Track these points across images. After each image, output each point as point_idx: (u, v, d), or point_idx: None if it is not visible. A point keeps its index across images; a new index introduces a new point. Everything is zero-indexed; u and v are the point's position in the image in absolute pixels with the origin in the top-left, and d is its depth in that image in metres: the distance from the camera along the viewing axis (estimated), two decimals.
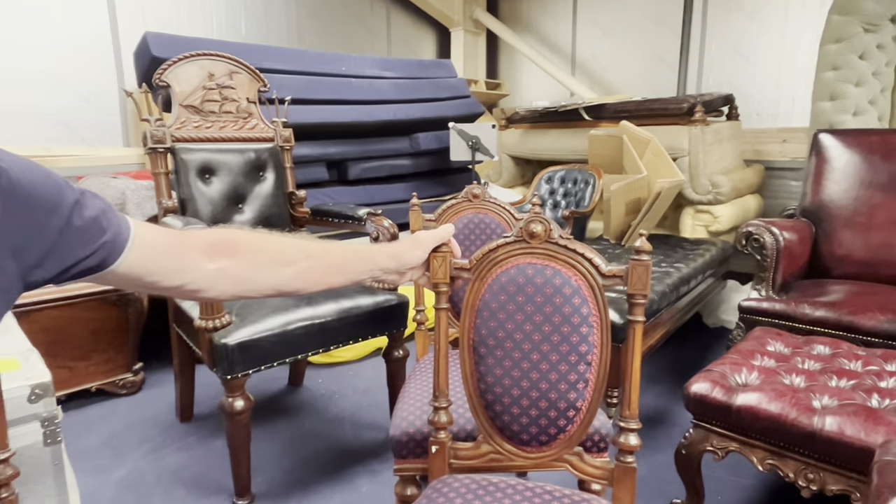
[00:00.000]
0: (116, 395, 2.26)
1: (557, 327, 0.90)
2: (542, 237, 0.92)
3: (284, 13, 4.81)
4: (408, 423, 1.16)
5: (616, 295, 1.93)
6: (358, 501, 1.60)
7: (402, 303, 1.83)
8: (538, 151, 3.98)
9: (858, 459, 1.16)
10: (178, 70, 1.96)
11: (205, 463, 1.80)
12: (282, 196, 2.13)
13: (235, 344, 1.48)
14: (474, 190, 1.54)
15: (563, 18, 5.27)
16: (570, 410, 0.91)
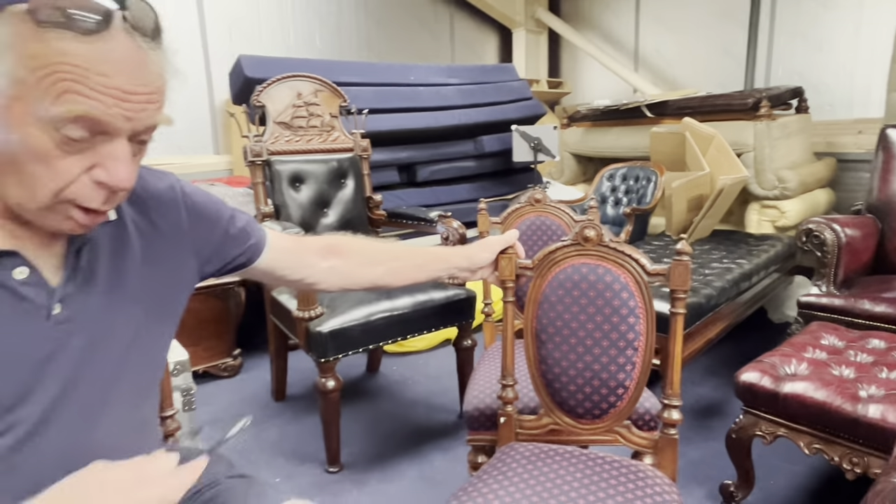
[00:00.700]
0: (219, 377, 2.58)
1: (608, 317, 1.05)
2: (595, 241, 1.08)
3: (355, 25, 5.10)
4: (479, 401, 1.34)
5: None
6: (431, 473, 1.80)
7: (470, 297, 2.01)
8: (600, 149, 4.06)
9: None
10: (272, 91, 2.22)
11: (299, 437, 2.06)
12: (360, 200, 2.37)
13: (328, 331, 1.72)
14: (536, 195, 1.70)
15: (626, 14, 5.28)
16: (619, 389, 1.06)
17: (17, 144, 0.54)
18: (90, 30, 0.52)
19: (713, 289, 2.17)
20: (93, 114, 0.54)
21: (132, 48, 0.55)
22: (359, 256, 1.01)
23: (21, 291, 0.61)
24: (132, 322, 0.71)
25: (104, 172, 0.57)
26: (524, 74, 5.50)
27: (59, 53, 0.51)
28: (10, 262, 0.61)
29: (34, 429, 0.62)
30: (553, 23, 5.67)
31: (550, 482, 0.98)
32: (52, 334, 0.63)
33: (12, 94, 0.52)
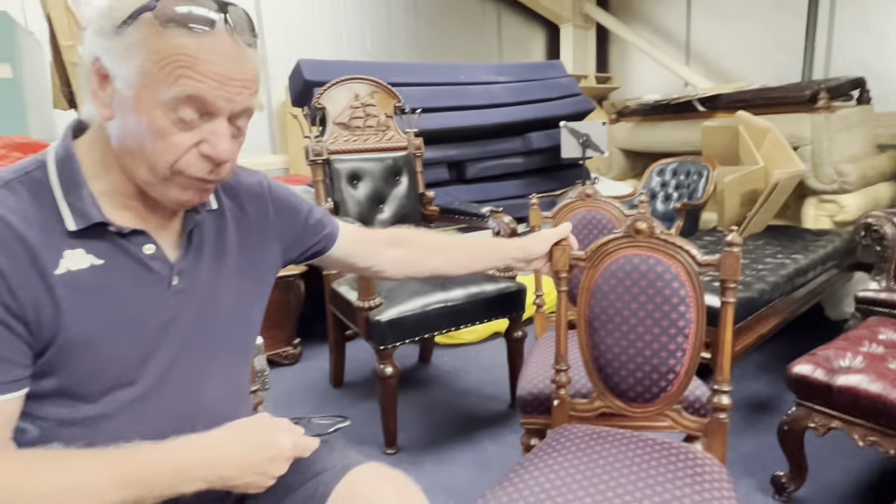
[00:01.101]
0: (280, 364, 2.73)
1: (659, 306, 1.11)
2: (647, 233, 1.13)
3: (404, 25, 5.22)
4: (532, 386, 1.41)
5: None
6: (484, 458, 1.88)
7: (521, 290, 2.08)
8: (649, 144, 4.03)
9: None
10: (331, 93, 2.34)
11: (357, 421, 2.17)
12: (414, 197, 2.46)
13: (387, 320, 1.82)
14: (587, 190, 1.75)
15: (677, 6, 5.20)
16: (669, 374, 1.11)
17: (144, 126, 0.66)
18: (200, 28, 0.65)
19: (766, 284, 2.16)
20: (200, 94, 0.66)
21: (231, 44, 0.68)
22: (421, 247, 1.10)
23: (149, 264, 0.74)
24: (232, 294, 0.83)
25: (209, 146, 0.69)
26: (572, 70, 5.50)
27: (176, 46, 0.64)
28: (140, 239, 0.74)
29: (158, 381, 0.75)
30: (601, 17, 5.64)
31: (603, 461, 1.04)
32: (172, 302, 0.76)
33: (141, 84, 0.65)
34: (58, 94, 2.84)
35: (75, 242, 0.69)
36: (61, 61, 2.67)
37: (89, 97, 0.70)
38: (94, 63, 0.67)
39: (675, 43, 5.26)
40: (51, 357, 0.68)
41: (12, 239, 0.65)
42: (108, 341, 0.71)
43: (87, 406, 0.71)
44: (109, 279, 0.71)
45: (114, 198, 0.72)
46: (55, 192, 0.70)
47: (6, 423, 0.67)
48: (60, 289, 0.67)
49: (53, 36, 2.61)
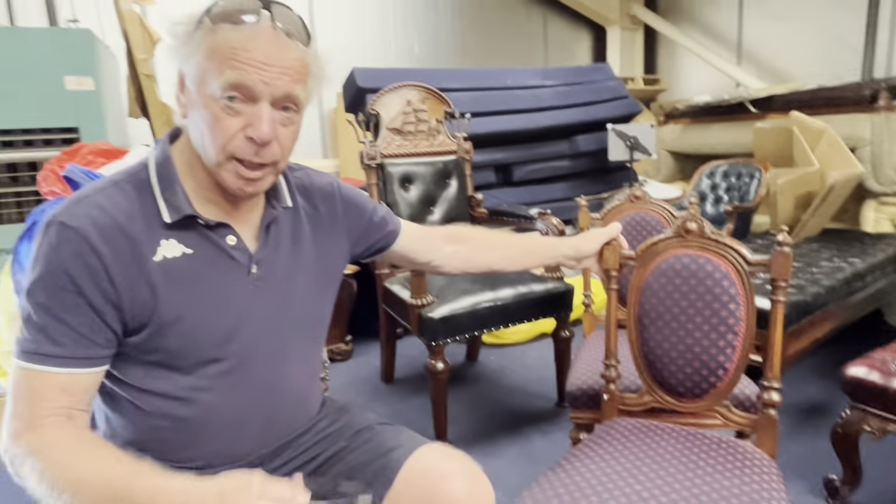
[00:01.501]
0: (333, 360, 2.84)
1: (709, 304, 1.14)
2: (697, 233, 1.16)
3: (451, 31, 5.31)
4: (581, 381, 1.46)
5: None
6: (532, 452, 1.93)
7: (568, 290, 2.12)
8: (699, 146, 3.99)
9: None
10: (384, 99, 2.44)
11: (408, 414, 2.25)
12: (463, 199, 2.53)
13: (439, 317, 1.89)
14: (636, 192, 1.78)
15: (729, 6, 5.11)
16: (719, 370, 1.14)
17: (204, 116, 0.76)
18: (245, 21, 0.74)
19: (821, 287, 2.13)
20: (241, 80, 0.74)
21: (272, 33, 0.76)
22: (477, 243, 1.17)
23: (232, 253, 0.84)
24: (305, 284, 0.92)
25: (252, 129, 0.76)
26: (619, 72, 5.47)
27: (224, 40, 0.73)
28: (224, 231, 0.83)
29: (242, 358, 0.85)
30: (649, 19, 5.59)
31: (652, 452, 1.08)
32: (251, 288, 0.85)
33: (199, 79, 0.76)
34: (132, 103, 3.05)
35: (170, 233, 0.79)
36: (136, 73, 2.87)
37: (173, 102, 0.81)
38: (178, 74, 0.78)
39: (726, 43, 5.16)
40: (149, 334, 0.78)
41: (116, 231, 0.75)
42: (196, 321, 0.80)
43: (181, 377, 0.81)
44: (197, 266, 0.81)
45: (200, 194, 0.82)
46: (155, 190, 0.80)
47: (84, 393, 0.76)
48: (156, 274, 0.77)
49: (129, 50, 2.81)
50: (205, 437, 0.84)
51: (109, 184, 0.79)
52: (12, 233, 1.44)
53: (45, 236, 0.74)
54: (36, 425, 0.72)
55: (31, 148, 2.52)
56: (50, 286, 0.72)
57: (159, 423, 0.82)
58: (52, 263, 0.72)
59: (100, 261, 0.73)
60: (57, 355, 0.73)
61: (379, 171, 2.41)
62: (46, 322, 0.73)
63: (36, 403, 0.73)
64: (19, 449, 0.71)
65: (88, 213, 0.74)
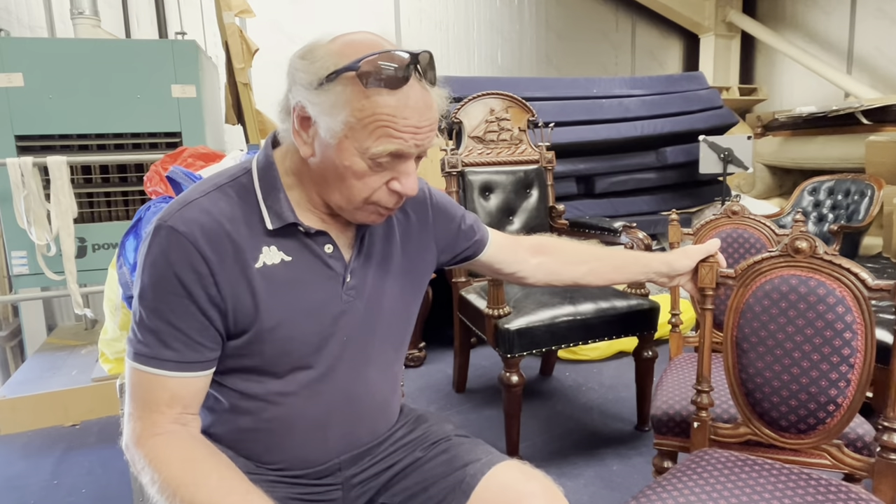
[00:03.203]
0: (407, 366, 2.86)
1: (820, 331, 1.03)
2: (807, 252, 1.06)
3: (535, 40, 5.26)
4: (668, 406, 1.37)
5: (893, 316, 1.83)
6: (609, 476, 1.84)
7: (653, 308, 2.01)
8: (800, 160, 3.71)
9: None
10: (468, 108, 2.44)
11: (479, 426, 2.22)
12: (544, 209, 2.48)
13: (515, 329, 1.85)
14: (733, 207, 1.66)
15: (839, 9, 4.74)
16: (829, 405, 1.03)
17: (344, 167, 0.76)
18: (398, 85, 0.73)
19: None
20: (399, 149, 0.75)
21: (422, 93, 0.75)
22: (564, 255, 1.13)
23: (328, 262, 0.84)
24: (394, 293, 0.92)
25: (399, 184, 0.79)
26: (712, 81, 5.21)
27: (378, 105, 0.73)
28: (322, 239, 0.84)
29: (333, 364, 0.85)
30: (747, 25, 5.29)
31: (750, 490, 0.99)
32: (344, 297, 0.85)
33: (343, 135, 0.74)
34: (229, 110, 3.23)
35: (271, 240, 0.80)
36: (234, 82, 3.03)
37: (291, 134, 0.79)
38: (299, 108, 0.76)
39: (835, 50, 4.79)
40: (248, 339, 0.79)
41: (222, 236, 0.77)
42: (293, 328, 0.81)
43: (273, 382, 0.82)
44: (295, 273, 0.81)
45: (301, 203, 0.83)
46: (258, 195, 0.81)
47: (195, 396, 0.78)
48: (258, 280, 0.78)
49: (228, 60, 2.98)
50: (288, 441, 0.85)
51: (213, 187, 0.81)
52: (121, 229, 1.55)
53: (156, 240, 0.76)
54: (154, 433, 0.75)
55: (138, 151, 2.71)
56: (161, 291, 0.75)
57: (246, 424, 0.83)
58: (163, 268, 0.74)
59: (207, 266, 0.75)
60: (170, 359, 0.75)
61: (459, 179, 2.40)
62: (159, 326, 0.75)
63: (153, 409, 0.76)
64: (139, 453, 0.74)
65: (197, 219, 0.76)
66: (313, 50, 0.75)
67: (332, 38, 0.76)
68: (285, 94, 0.78)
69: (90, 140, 2.66)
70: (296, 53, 0.77)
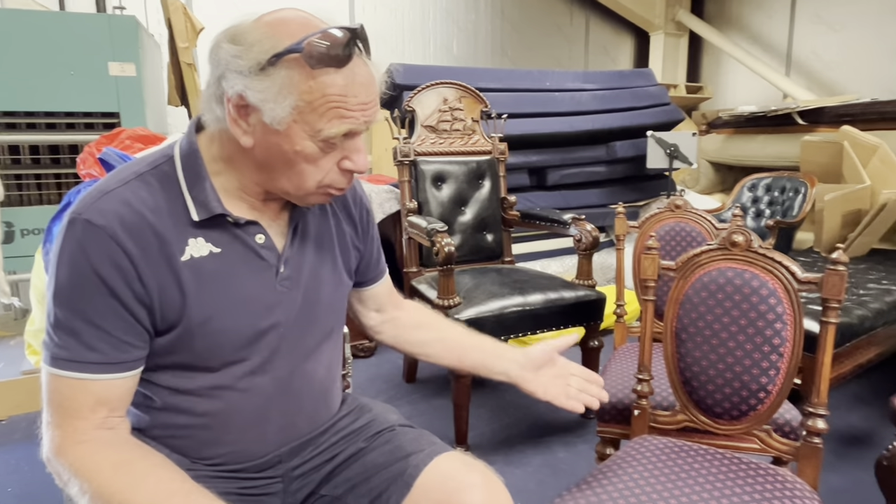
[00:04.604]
0: (357, 356, 2.83)
1: (753, 321, 1.07)
2: (743, 246, 1.10)
3: (491, 31, 5.27)
4: (610, 395, 1.40)
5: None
6: (555, 463, 1.88)
7: (600, 299, 2.05)
8: (742, 158, 3.86)
9: None
10: (421, 97, 2.41)
11: (429, 416, 2.22)
12: (496, 200, 2.49)
13: (465, 319, 1.85)
14: (676, 201, 1.71)
15: (780, 13, 4.94)
16: (760, 392, 1.07)
17: (295, 154, 0.73)
18: (344, 63, 0.70)
19: (868, 310, 2.02)
20: (351, 128, 0.73)
21: (366, 69, 0.73)
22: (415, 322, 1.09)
23: (260, 252, 0.81)
24: (329, 284, 0.90)
25: (350, 162, 0.77)
26: (661, 79, 5.34)
27: (327, 86, 0.70)
28: (253, 229, 0.81)
29: (269, 356, 0.82)
30: (695, 25, 5.45)
31: (685, 475, 1.02)
32: (278, 288, 0.82)
33: (292, 119, 0.71)
34: (172, 91, 3.09)
35: (197, 232, 0.76)
36: (177, 62, 2.90)
37: (224, 122, 0.73)
38: (236, 97, 0.70)
39: (775, 53, 4.99)
40: (176, 335, 0.75)
41: (144, 229, 0.72)
42: (224, 321, 0.77)
43: (206, 377, 0.79)
44: (225, 265, 0.78)
45: (231, 191, 0.79)
46: (182, 184, 0.76)
47: (122, 398, 0.74)
48: (185, 274, 0.74)
49: (172, 38, 2.85)
50: (225, 436, 0.82)
51: (133, 176, 0.75)
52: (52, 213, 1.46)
53: (71, 234, 0.70)
54: (78, 440, 0.70)
55: (72, 131, 2.57)
56: (80, 289, 0.70)
57: (179, 421, 0.80)
58: (81, 265, 0.69)
59: (130, 260, 0.71)
60: (94, 361, 0.71)
61: (412, 168, 2.38)
62: (79, 326, 0.70)
63: (75, 415, 0.71)
64: (63, 464, 0.70)
65: (116, 210, 0.71)
66: (242, 33, 0.71)
67: (257, 18, 0.72)
68: (214, 82, 0.73)
69: (19, 118, 2.50)
70: (221, 38, 0.72)
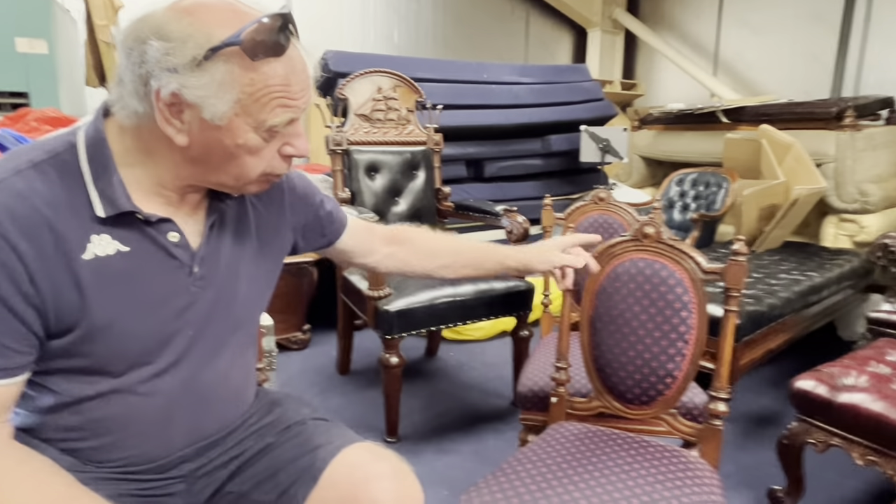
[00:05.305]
0: (290, 348, 2.77)
1: (661, 310, 1.12)
2: (654, 238, 1.14)
3: (432, 22, 5.24)
4: (532, 383, 1.43)
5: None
6: (484, 451, 1.90)
7: (529, 289, 2.09)
8: (671, 153, 4.01)
9: None
10: (354, 85, 2.37)
11: (361, 408, 2.21)
12: (430, 191, 2.49)
13: (395, 311, 1.84)
14: (600, 194, 1.76)
15: (708, 16, 5.15)
16: (667, 378, 1.12)
17: (237, 148, 0.71)
18: (282, 51, 0.69)
19: (777, 299, 2.15)
20: (293, 116, 0.72)
21: (300, 54, 0.73)
22: (417, 247, 1.11)
23: (173, 252, 0.76)
24: (248, 279, 0.86)
25: (292, 148, 0.76)
26: (598, 75, 5.48)
27: (269, 76, 0.69)
28: (166, 226, 0.76)
29: (177, 359, 0.78)
30: (630, 23, 5.61)
31: (596, 459, 1.06)
32: (191, 289, 0.78)
33: (234, 113, 0.69)
34: (90, 71, 2.91)
35: (102, 229, 0.71)
36: (95, 40, 2.74)
37: (160, 124, 0.68)
38: (169, 96, 0.66)
39: (704, 53, 5.21)
40: (74, 339, 0.70)
41: (39, 224, 0.66)
42: (131, 325, 0.73)
43: (106, 381, 0.74)
44: (134, 265, 0.73)
45: (144, 185, 0.74)
46: (85, 176, 0.70)
47: (3, 405, 0.68)
48: (86, 274, 0.69)
49: (89, 15, 2.68)
50: (123, 440, 0.78)
51: (28, 165, 0.68)
52: None
53: None
54: None
55: None
56: None
57: (72, 423, 0.75)
58: None
59: (20, 260, 0.65)
60: None
61: (345, 157, 2.34)
62: None
63: None
64: None
65: (6, 204, 0.65)
66: (165, 25, 0.65)
67: (172, 5, 0.67)
68: (135, 79, 0.67)
69: None
70: (142, 32, 0.66)
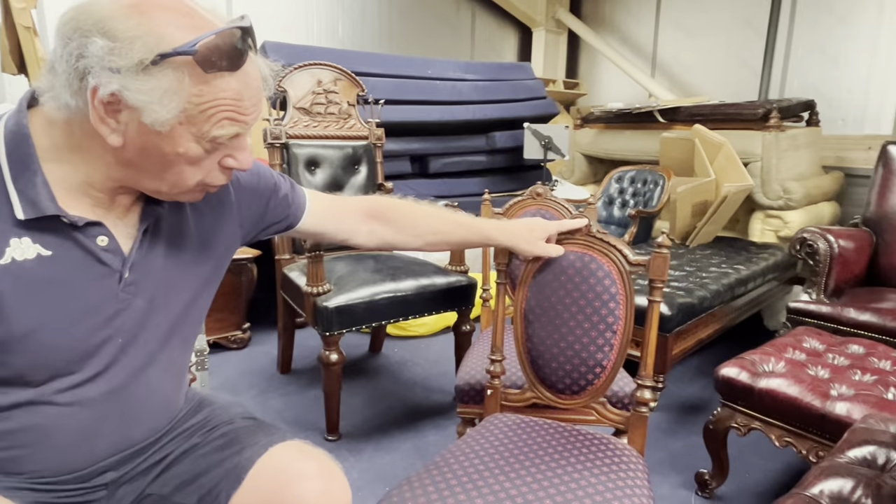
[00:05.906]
0: (228, 348, 2.69)
1: (590, 302, 1.14)
2: (584, 231, 1.17)
3: (377, 16, 5.18)
4: (470, 376, 1.44)
5: (668, 290, 2.12)
6: (425, 447, 1.91)
7: (471, 284, 2.11)
8: (611, 151, 4.12)
9: None
10: (294, 77, 2.32)
11: (301, 407, 2.17)
12: (372, 187, 2.46)
13: (334, 307, 1.82)
14: (538, 189, 1.78)
15: (646, 19, 5.31)
16: (597, 368, 1.15)
17: (176, 156, 0.68)
18: (238, 66, 0.66)
19: (707, 291, 2.24)
20: (240, 130, 0.69)
21: (255, 70, 0.70)
22: (400, 225, 1.08)
23: (101, 257, 0.72)
24: (185, 285, 0.82)
25: (233, 160, 0.73)
26: (542, 74, 5.56)
27: (220, 90, 0.66)
28: (95, 230, 0.71)
29: (102, 369, 0.74)
30: (573, 24, 5.72)
31: (527, 448, 1.07)
32: (121, 295, 0.74)
33: (178, 122, 0.65)
34: (7, 57, 2.72)
35: (22, 231, 0.66)
36: (13, 24, 2.56)
37: (93, 122, 0.64)
38: (107, 96, 0.62)
39: (643, 55, 5.38)
40: None
41: None
42: (53, 334, 0.68)
43: (22, 392, 0.69)
44: (57, 271, 0.68)
45: (72, 185, 0.69)
46: (4, 174, 0.65)
47: None
48: (3, 279, 0.65)
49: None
50: (41, 453, 0.73)
51: None
52: None
53: None
54: None
55: None
56: None
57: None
58: None
59: None
60: None
61: (283, 151, 2.29)
62: None
63: None
64: None
65: None
66: (110, 21, 0.61)
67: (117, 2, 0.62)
68: (70, 71, 0.63)
69: None
70: (81, 24, 0.61)
